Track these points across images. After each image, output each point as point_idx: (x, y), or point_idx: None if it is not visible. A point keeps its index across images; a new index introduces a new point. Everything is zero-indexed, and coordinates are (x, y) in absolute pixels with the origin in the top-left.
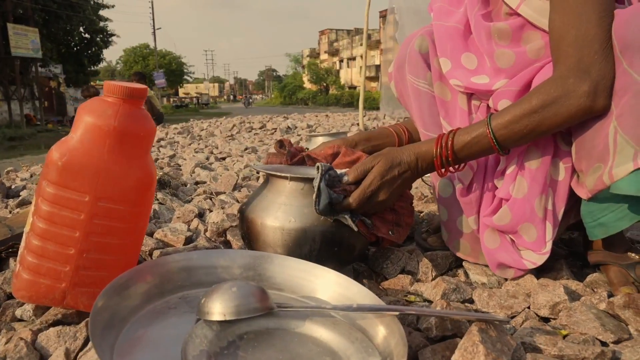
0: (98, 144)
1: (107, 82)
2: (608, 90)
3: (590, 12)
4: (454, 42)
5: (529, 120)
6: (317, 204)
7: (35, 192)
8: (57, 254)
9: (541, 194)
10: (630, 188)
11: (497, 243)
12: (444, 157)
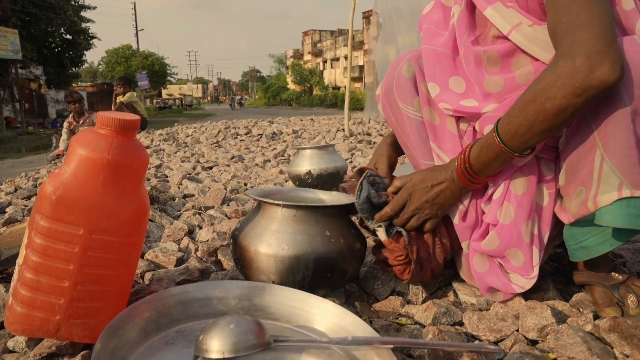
0: (92, 178)
1: (100, 114)
2: (609, 63)
3: (581, 2)
4: (442, 65)
5: (527, 111)
6: (357, 197)
7: (28, 225)
8: (52, 286)
9: (527, 220)
10: (615, 220)
11: (486, 267)
12: (463, 166)
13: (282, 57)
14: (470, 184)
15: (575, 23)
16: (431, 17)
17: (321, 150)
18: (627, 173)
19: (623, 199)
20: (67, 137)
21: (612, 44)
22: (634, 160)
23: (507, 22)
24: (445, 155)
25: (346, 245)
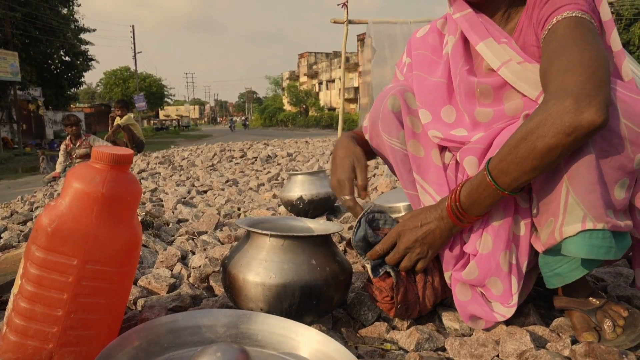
0: (87, 210)
1: (95, 148)
2: (596, 106)
3: (572, 45)
4: (435, 95)
5: (519, 149)
6: (354, 234)
7: (24, 256)
8: (45, 315)
9: (505, 250)
10: (579, 251)
11: (468, 296)
12: (453, 204)
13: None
14: (460, 222)
15: (567, 65)
16: (427, 40)
17: (312, 176)
18: (591, 207)
19: (586, 231)
20: (63, 160)
21: (602, 87)
22: (597, 195)
23: (497, 58)
24: (429, 186)
25: (332, 273)
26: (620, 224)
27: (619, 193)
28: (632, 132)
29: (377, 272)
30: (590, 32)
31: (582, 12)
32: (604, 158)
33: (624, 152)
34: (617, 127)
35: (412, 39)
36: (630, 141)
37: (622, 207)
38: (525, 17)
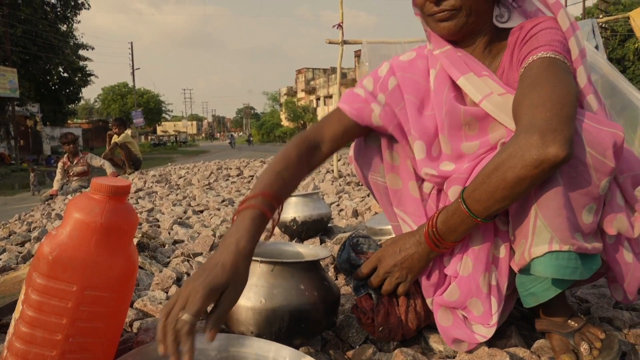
0: (86, 239)
1: (94, 180)
2: (560, 141)
3: (544, 82)
4: (429, 128)
5: (491, 179)
6: (338, 257)
7: (25, 282)
8: (45, 339)
9: (485, 272)
10: (546, 271)
11: (450, 321)
12: (430, 230)
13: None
14: (437, 248)
15: (537, 101)
16: (416, 64)
17: (306, 198)
18: (557, 229)
19: (553, 252)
20: (61, 177)
21: (567, 123)
22: (564, 219)
23: (478, 92)
24: (409, 217)
25: (319, 297)
26: (587, 246)
27: (587, 217)
28: (597, 160)
29: (359, 291)
30: (562, 70)
31: (556, 53)
32: (571, 184)
33: (590, 179)
34: (583, 155)
35: (395, 61)
36: (595, 169)
37: (590, 230)
38: (507, 57)
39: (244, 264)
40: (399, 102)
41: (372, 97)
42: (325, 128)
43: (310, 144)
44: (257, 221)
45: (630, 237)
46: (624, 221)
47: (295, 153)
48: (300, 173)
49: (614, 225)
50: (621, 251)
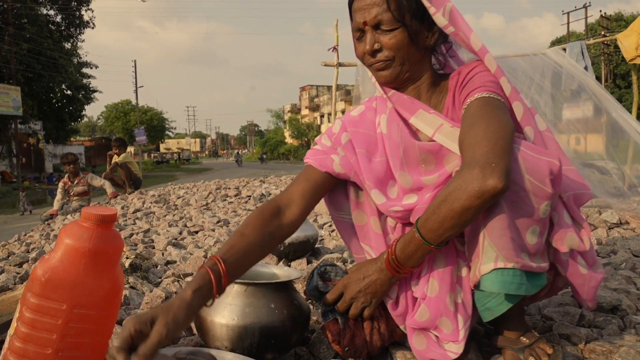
0: (75, 263)
1: (84, 209)
2: (497, 174)
3: (480, 120)
4: (382, 175)
5: (440, 209)
6: (307, 284)
7: (20, 301)
8: (36, 354)
9: (450, 291)
10: (492, 286)
11: (424, 345)
12: (390, 257)
13: (280, 112)
14: (397, 273)
15: (475, 138)
16: (366, 117)
17: None
18: (502, 249)
19: (498, 269)
20: (61, 197)
21: (503, 156)
22: (508, 239)
23: (430, 127)
24: (372, 251)
25: (289, 315)
26: (532, 264)
27: (531, 238)
28: (535, 186)
29: (327, 317)
30: (496, 108)
31: (490, 92)
32: (514, 208)
33: (531, 203)
34: (522, 182)
35: (347, 117)
36: (535, 194)
37: (536, 250)
38: (449, 99)
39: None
40: (353, 155)
41: (332, 150)
42: (292, 188)
43: (275, 208)
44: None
45: (582, 250)
46: (574, 237)
47: (261, 219)
48: (261, 239)
49: (565, 243)
50: (576, 265)
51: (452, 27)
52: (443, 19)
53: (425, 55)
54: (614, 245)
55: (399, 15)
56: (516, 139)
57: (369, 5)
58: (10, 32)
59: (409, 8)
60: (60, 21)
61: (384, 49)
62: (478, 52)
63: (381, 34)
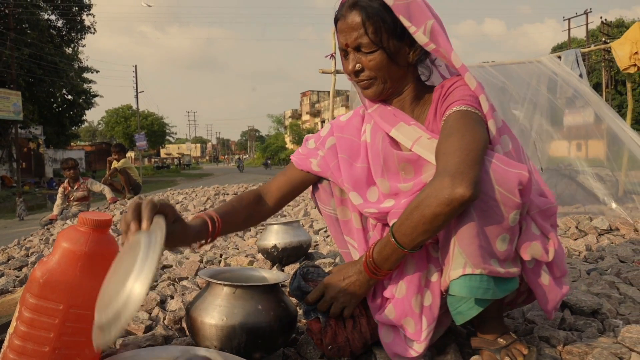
0: (72, 265)
1: (81, 215)
2: (466, 183)
3: (456, 132)
4: (361, 179)
5: (413, 215)
6: (290, 285)
7: (20, 302)
8: (35, 351)
9: (416, 294)
10: (461, 291)
11: (391, 338)
12: (368, 260)
13: (281, 117)
14: (375, 276)
15: (449, 149)
16: (352, 123)
17: (287, 226)
18: (470, 256)
19: (467, 275)
20: (61, 202)
21: (473, 166)
22: (476, 247)
23: (408, 139)
24: (355, 244)
25: (275, 316)
26: (500, 270)
27: (501, 245)
28: (504, 196)
29: (309, 315)
30: (472, 121)
31: (467, 106)
32: (483, 217)
33: (500, 212)
34: (492, 192)
35: (336, 122)
36: (504, 204)
37: (506, 257)
38: (432, 110)
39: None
40: (334, 159)
41: (314, 151)
42: (273, 181)
43: (256, 193)
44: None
45: (545, 261)
46: (538, 247)
47: (246, 198)
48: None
49: (528, 252)
50: (539, 274)
51: (433, 45)
52: (424, 37)
53: (407, 70)
54: (603, 251)
55: (376, 38)
56: (488, 152)
57: (349, 29)
58: (12, 37)
59: (387, 29)
60: (62, 26)
61: (366, 69)
62: (459, 70)
63: (362, 55)
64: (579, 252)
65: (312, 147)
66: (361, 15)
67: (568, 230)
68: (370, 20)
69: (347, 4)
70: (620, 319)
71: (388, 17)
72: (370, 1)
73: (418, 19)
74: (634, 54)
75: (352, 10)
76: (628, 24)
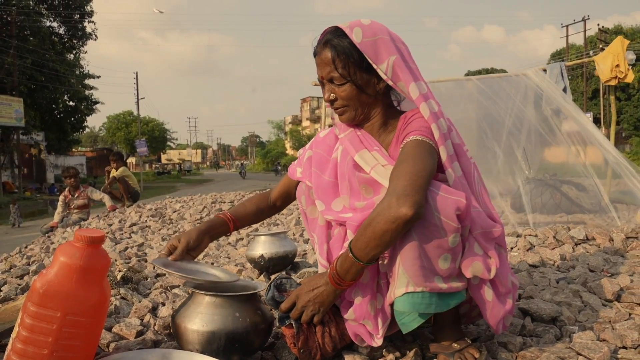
0: (68, 277)
1: (76, 232)
2: (410, 204)
3: (409, 159)
4: (327, 191)
5: (366, 232)
6: (265, 295)
7: (21, 309)
8: (35, 354)
9: (371, 300)
10: (404, 307)
11: (357, 329)
12: (332, 272)
13: (281, 123)
14: (339, 286)
15: (400, 173)
16: (325, 141)
17: (273, 237)
18: (412, 275)
19: (409, 293)
20: (62, 210)
21: (418, 190)
22: (418, 267)
23: (368, 164)
24: (317, 239)
25: (252, 323)
26: (442, 286)
27: (443, 264)
28: (443, 221)
29: (283, 322)
30: (424, 150)
31: (422, 136)
32: (425, 240)
33: (440, 235)
34: (432, 218)
35: (315, 138)
36: (443, 228)
37: (449, 274)
38: (395, 137)
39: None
40: (309, 169)
41: (301, 161)
42: (276, 187)
43: (265, 196)
44: (208, 224)
45: (486, 278)
46: (479, 266)
47: (257, 199)
48: (257, 211)
49: (470, 270)
50: (483, 291)
51: (391, 81)
52: (384, 74)
53: (376, 98)
54: (576, 260)
55: (345, 73)
56: (432, 182)
57: (323, 64)
58: (14, 44)
59: (355, 64)
60: (63, 33)
61: (339, 99)
62: (415, 101)
63: (335, 87)
64: (553, 261)
65: (300, 157)
66: (331, 52)
67: (546, 240)
68: (340, 57)
69: (322, 42)
70: (578, 326)
71: (356, 54)
72: (341, 40)
73: (382, 55)
74: (615, 66)
75: (324, 47)
76: (626, 30)
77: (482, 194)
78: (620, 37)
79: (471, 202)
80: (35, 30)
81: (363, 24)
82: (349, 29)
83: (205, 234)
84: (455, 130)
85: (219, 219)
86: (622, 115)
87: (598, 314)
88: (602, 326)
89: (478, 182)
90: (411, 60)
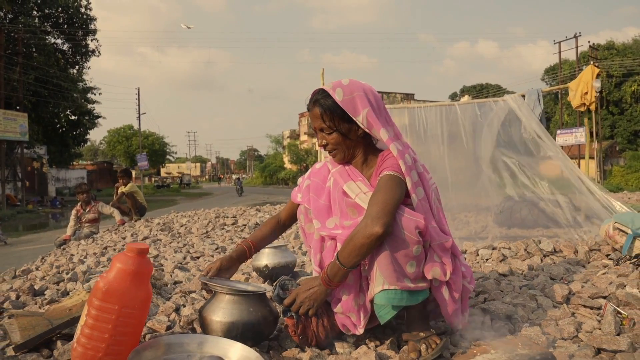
0: (124, 279)
1: (129, 245)
2: (380, 224)
3: (383, 190)
4: (322, 212)
5: (349, 244)
6: (272, 293)
7: (87, 303)
8: (98, 337)
9: (355, 297)
10: (381, 301)
11: (344, 320)
12: (324, 276)
13: (279, 137)
14: (329, 286)
15: (375, 200)
16: (321, 172)
17: (276, 249)
18: (387, 277)
19: (385, 290)
20: (74, 224)
21: (388, 214)
22: (391, 271)
23: (353, 192)
24: (312, 251)
25: (262, 315)
26: (410, 285)
27: (410, 269)
28: (407, 236)
29: (286, 314)
30: (394, 183)
31: (395, 172)
32: (395, 250)
33: (405, 247)
34: (400, 233)
35: (313, 168)
36: (407, 241)
37: (415, 276)
38: (375, 172)
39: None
40: (307, 195)
41: (300, 188)
42: (283, 209)
43: (276, 219)
44: (237, 252)
45: (443, 280)
46: (437, 270)
47: (271, 222)
48: (272, 232)
49: (430, 273)
50: (441, 291)
51: (366, 129)
52: (361, 124)
53: (358, 141)
54: (541, 270)
55: (331, 124)
56: (401, 206)
57: (314, 118)
58: (20, 61)
59: (339, 117)
60: (67, 50)
61: (329, 144)
62: (385, 142)
63: (325, 135)
64: (522, 271)
65: (299, 185)
66: (320, 109)
67: (518, 252)
68: (326, 113)
69: (312, 101)
70: (529, 323)
71: (339, 109)
72: (326, 100)
73: (358, 109)
74: (584, 94)
75: (314, 106)
76: (618, 46)
77: (438, 211)
78: (591, 66)
79: (429, 221)
80: (41, 47)
81: (343, 85)
82: (332, 90)
83: (235, 260)
84: (420, 161)
85: (243, 248)
86: (616, 129)
87: (547, 313)
88: (548, 322)
89: (435, 202)
90: (382, 108)
